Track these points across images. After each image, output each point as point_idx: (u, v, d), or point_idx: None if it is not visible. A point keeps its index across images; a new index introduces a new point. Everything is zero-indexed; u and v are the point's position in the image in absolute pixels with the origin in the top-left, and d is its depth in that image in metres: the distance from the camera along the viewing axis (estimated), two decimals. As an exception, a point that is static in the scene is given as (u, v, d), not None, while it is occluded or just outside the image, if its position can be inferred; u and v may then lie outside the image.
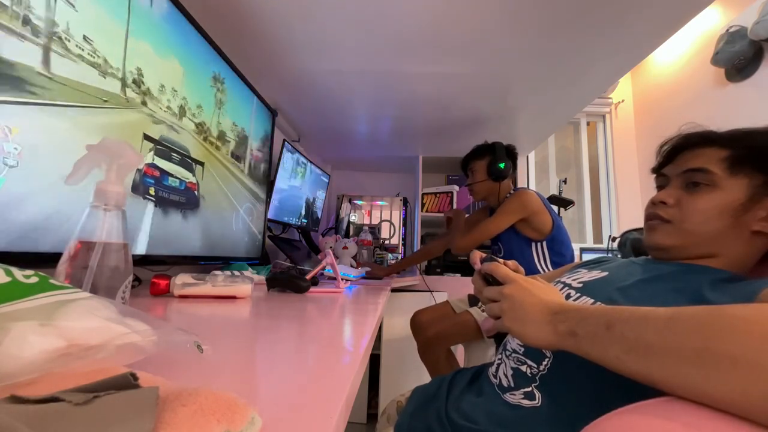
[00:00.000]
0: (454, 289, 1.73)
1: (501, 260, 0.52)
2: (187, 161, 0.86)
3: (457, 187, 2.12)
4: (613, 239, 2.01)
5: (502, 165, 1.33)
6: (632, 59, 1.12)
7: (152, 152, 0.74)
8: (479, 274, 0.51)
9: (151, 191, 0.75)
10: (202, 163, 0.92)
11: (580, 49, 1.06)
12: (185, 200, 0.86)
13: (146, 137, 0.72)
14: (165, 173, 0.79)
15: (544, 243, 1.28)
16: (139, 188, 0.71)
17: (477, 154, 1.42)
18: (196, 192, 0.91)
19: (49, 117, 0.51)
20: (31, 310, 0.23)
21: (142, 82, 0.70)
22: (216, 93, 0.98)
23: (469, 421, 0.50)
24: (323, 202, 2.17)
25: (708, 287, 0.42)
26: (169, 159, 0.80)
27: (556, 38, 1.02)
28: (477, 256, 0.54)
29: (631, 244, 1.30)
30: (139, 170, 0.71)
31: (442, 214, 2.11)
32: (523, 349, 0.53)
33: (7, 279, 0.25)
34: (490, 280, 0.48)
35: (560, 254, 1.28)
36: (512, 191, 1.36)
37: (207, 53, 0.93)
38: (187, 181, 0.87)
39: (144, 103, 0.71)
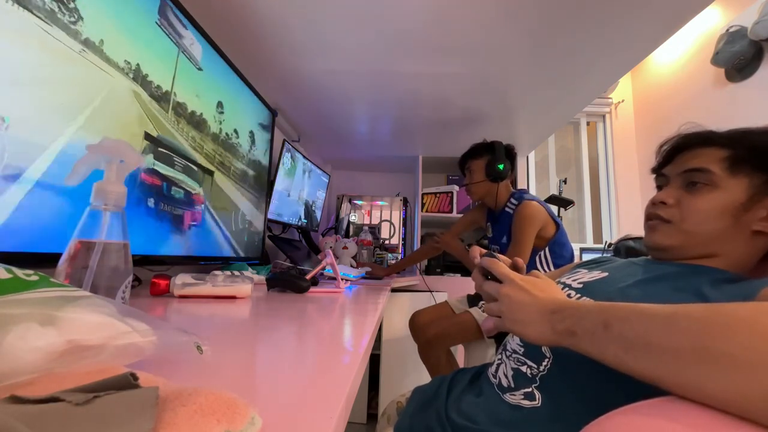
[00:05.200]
0: (453, 289, 1.73)
1: (500, 256, 0.52)
2: (193, 169, 0.85)
3: (457, 187, 2.12)
4: (610, 245, 2.03)
5: (501, 166, 1.32)
6: (632, 59, 1.12)
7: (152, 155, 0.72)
8: (479, 269, 0.51)
9: (150, 203, 0.72)
10: (211, 172, 0.91)
11: (580, 48, 1.06)
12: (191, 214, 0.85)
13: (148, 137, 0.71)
14: (168, 181, 0.77)
15: (547, 248, 1.28)
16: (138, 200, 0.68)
17: (475, 153, 1.40)
18: (202, 206, 0.90)
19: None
20: (33, 301, 0.23)
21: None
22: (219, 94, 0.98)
23: (470, 421, 0.50)
24: (323, 202, 2.17)
25: (708, 287, 0.42)
26: (172, 165, 0.78)
27: (556, 38, 1.02)
28: (477, 251, 0.54)
29: (626, 252, 1.30)
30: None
31: (442, 214, 2.11)
32: (523, 350, 0.53)
33: (8, 275, 0.25)
34: (489, 276, 0.48)
35: (561, 256, 1.28)
36: (513, 198, 1.34)
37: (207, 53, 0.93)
38: (193, 192, 0.85)
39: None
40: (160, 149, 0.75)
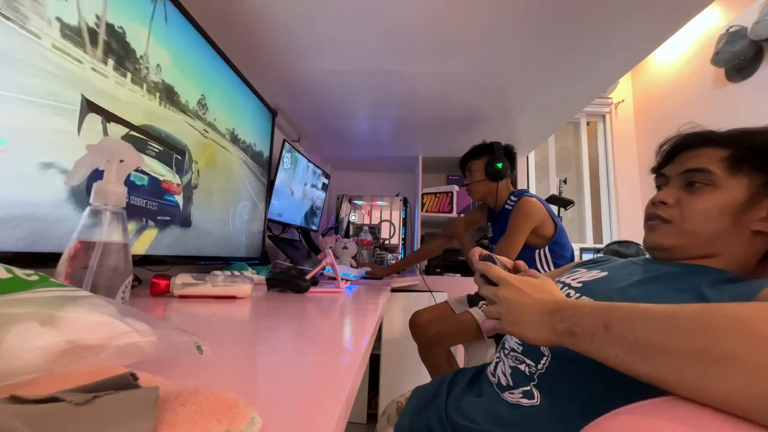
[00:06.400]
0: (453, 289, 1.73)
1: (500, 258, 0.52)
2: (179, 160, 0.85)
3: (457, 187, 2.12)
4: (598, 251, 2.13)
5: (500, 165, 1.33)
6: (632, 59, 1.12)
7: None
8: (479, 271, 0.51)
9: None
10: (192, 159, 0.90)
11: (580, 49, 1.06)
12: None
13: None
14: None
15: (547, 248, 1.28)
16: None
17: (475, 153, 1.42)
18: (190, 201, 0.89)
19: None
20: (33, 301, 0.23)
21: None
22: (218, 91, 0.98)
23: (470, 421, 0.50)
24: (323, 202, 2.17)
25: (708, 287, 0.42)
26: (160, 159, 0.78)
27: (556, 38, 1.02)
28: (477, 253, 0.54)
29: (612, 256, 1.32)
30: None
31: (442, 215, 2.11)
32: (521, 348, 0.53)
33: (8, 275, 0.25)
34: (487, 279, 0.48)
35: (562, 256, 1.28)
36: (513, 196, 1.35)
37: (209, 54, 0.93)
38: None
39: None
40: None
